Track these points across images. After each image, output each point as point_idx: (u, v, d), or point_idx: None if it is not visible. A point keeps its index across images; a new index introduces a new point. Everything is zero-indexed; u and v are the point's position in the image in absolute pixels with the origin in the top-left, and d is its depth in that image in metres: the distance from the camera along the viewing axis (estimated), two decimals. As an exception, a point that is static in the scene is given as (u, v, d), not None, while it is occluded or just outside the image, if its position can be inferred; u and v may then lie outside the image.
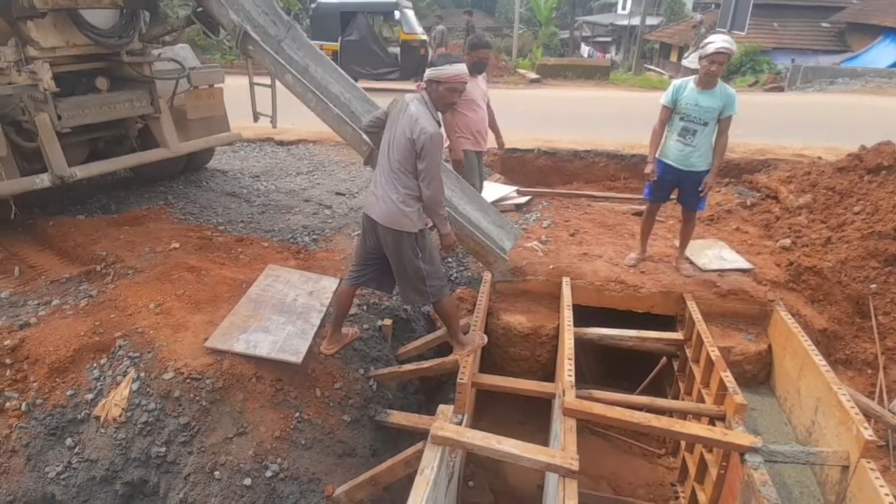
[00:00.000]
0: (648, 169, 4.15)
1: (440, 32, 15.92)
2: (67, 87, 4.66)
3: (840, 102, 12.05)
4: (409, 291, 3.28)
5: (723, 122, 3.89)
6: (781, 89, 14.93)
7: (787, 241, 4.91)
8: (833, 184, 5.25)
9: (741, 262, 4.54)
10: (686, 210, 4.30)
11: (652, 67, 19.83)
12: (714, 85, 3.86)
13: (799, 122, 9.46)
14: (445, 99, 2.98)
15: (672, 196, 4.34)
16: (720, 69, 3.76)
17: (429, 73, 2.95)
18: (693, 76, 3.98)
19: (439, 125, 2.98)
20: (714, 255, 4.67)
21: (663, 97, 4.07)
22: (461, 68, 2.95)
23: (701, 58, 3.84)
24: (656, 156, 4.14)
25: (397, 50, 13.26)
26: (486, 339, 3.73)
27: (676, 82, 4.08)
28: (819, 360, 3.44)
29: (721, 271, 4.42)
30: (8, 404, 2.94)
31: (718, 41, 3.70)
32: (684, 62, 16.78)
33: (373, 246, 3.25)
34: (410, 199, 3.03)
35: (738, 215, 5.64)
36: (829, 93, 13.77)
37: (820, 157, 6.59)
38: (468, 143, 4.57)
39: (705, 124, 3.91)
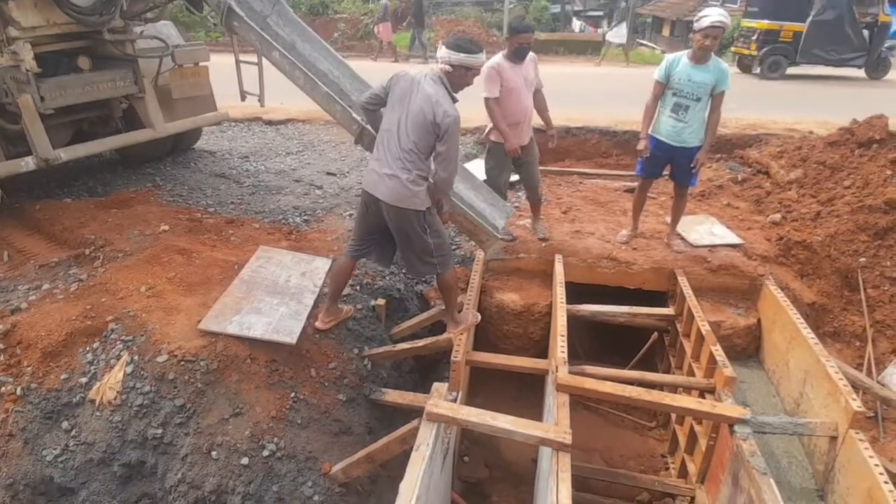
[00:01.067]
0: (641, 145, 4.14)
1: (384, 7, 15.34)
2: (49, 67, 4.55)
3: (832, 75, 12.01)
4: (416, 263, 3.30)
5: (715, 98, 3.87)
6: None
7: (778, 216, 4.95)
8: (824, 158, 5.27)
9: (732, 238, 4.57)
10: (678, 186, 4.31)
11: (644, 42, 19.63)
12: (707, 59, 3.82)
13: (792, 95, 9.44)
14: (464, 82, 2.99)
15: (664, 172, 4.34)
16: (714, 43, 3.73)
17: (460, 58, 2.90)
18: (687, 51, 3.94)
19: (456, 110, 2.94)
20: (705, 230, 4.70)
21: (656, 72, 4.04)
22: (483, 58, 3.00)
23: (694, 31, 3.80)
24: (649, 132, 4.13)
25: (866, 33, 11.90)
26: (479, 317, 3.76)
27: (669, 57, 4.04)
28: (807, 333, 3.49)
29: (712, 247, 4.46)
30: (3, 389, 2.94)
31: (714, 15, 3.65)
32: (608, 36, 16.62)
33: (374, 221, 3.24)
34: (421, 178, 3.02)
35: (729, 191, 5.66)
36: (822, 66, 13.72)
37: (811, 132, 6.60)
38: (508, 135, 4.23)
39: (698, 100, 3.88)
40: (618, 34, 15.16)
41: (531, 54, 4.16)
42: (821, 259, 4.50)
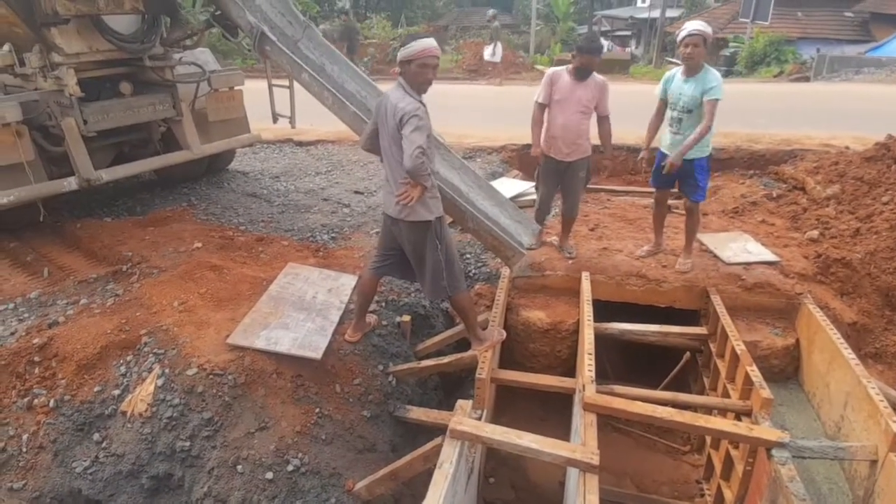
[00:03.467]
0: (641, 155, 4.30)
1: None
2: (92, 92, 4.78)
3: (866, 92, 11.71)
4: (430, 284, 3.29)
5: (705, 105, 3.81)
6: (807, 79, 14.58)
7: (815, 233, 4.78)
8: (861, 174, 5.10)
9: (767, 255, 4.43)
10: (686, 200, 4.27)
11: (673, 60, 19.52)
12: (697, 71, 3.86)
13: (825, 111, 9.21)
14: (419, 77, 2.94)
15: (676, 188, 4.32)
16: (696, 51, 3.77)
17: (401, 53, 2.95)
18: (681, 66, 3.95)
19: (422, 104, 2.93)
20: (739, 247, 4.58)
21: (656, 90, 4.16)
22: (428, 42, 2.92)
23: (677, 47, 3.87)
24: (656, 145, 4.23)
25: None
26: (504, 334, 3.71)
27: (667, 74, 4.16)
28: (848, 354, 3.34)
29: (747, 264, 4.33)
30: (36, 401, 3.02)
31: (689, 26, 3.81)
32: (485, 56, 16.41)
33: (394, 238, 3.29)
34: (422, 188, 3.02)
35: (763, 207, 5.51)
36: (854, 82, 13.43)
37: (847, 147, 6.40)
38: (544, 146, 4.24)
39: (690, 111, 3.92)
40: (493, 53, 15.30)
41: (602, 79, 4.07)
42: (861, 277, 4.31)
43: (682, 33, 3.80)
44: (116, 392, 3.07)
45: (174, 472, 2.89)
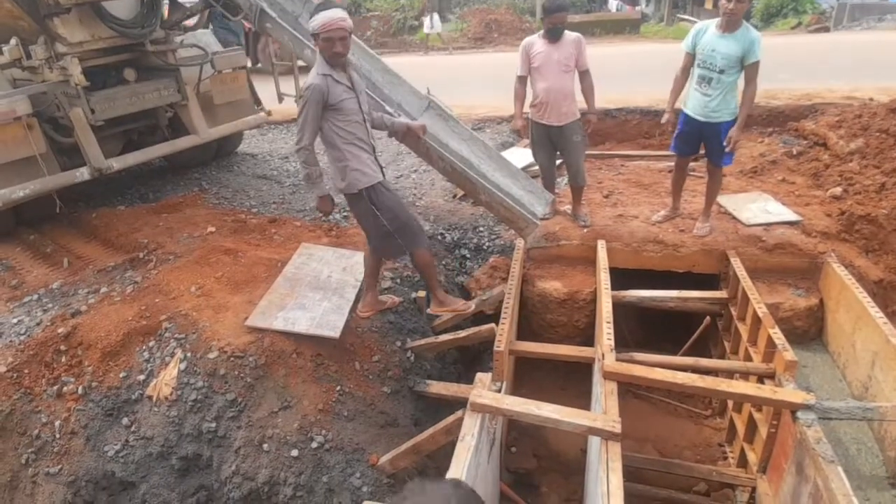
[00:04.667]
0: (664, 118, 4.06)
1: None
2: (97, 80, 4.76)
3: (891, 40, 11.20)
4: (382, 247, 3.37)
5: (747, 70, 3.63)
6: (827, 30, 14.01)
7: (838, 190, 4.64)
8: (887, 126, 4.91)
9: (788, 215, 4.33)
10: (710, 164, 4.11)
11: (686, 17, 18.86)
12: (736, 27, 3.59)
13: (847, 62, 8.85)
14: (327, 51, 2.93)
15: (702, 150, 4.14)
16: (739, 7, 3.51)
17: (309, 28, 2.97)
18: (718, 19, 3.73)
19: (329, 77, 2.94)
20: (758, 208, 4.47)
21: (684, 42, 3.88)
22: (330, 14, 2.88)
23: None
24: (679, 106, 4.00)
25: None
26: (471, 306, 3.70)
27: (698, 25, 3.87)
28: (876, 313, 3.27)
29: (767, 225, 4.23)
30: (65, 388, 3.09)
31: None
32: (425, 28, 15.91)
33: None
34: (337, 161, 3.10)
35: (783, 165, 5.36)
36: (878, 30, 12.86)
37: (871, 99, 6.15)
38: (532, 112, 4.27)
39: (721, 72, 3.67)
40: (432, 24, 15.04)
41: (576, 35, 4.05)
42: (888, 233, 4.18)
43: None
44: (141, 377, 3.12)
45: (202, 453, 2.96)
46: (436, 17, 15.79)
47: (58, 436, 3.02)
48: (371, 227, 3.29)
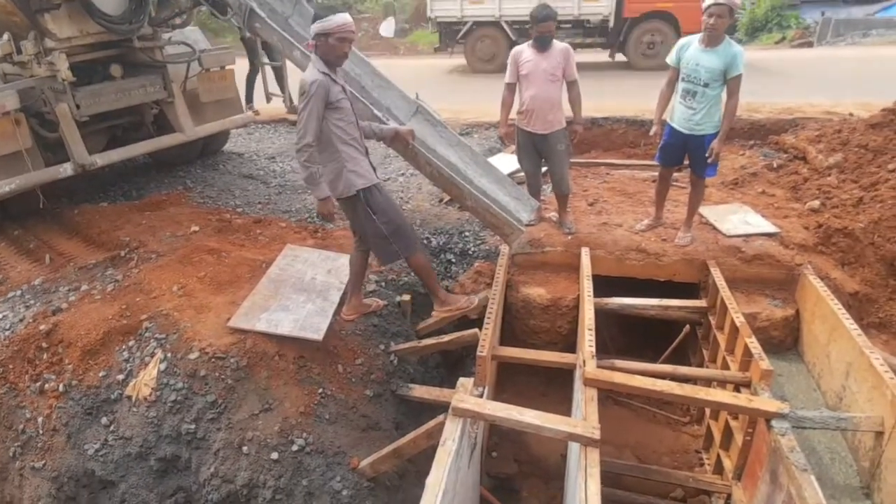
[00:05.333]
0: (652, 130, 4.11)
1: None
2: (84, 76, 4.72)
3: (874, 55, 11.47)
4: (380, 251, 3.35)
5: (730, 84, 3.71)
6: (811, 45, 14.29)
7: (816, 203, 4.74)
8: (866, 141, 5.03)
9: (767, 226, 4.41)
10: (693, 175, 4.19)
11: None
12: (718, 42, 3.68)
13: (829, 78, 9.06)
14: (336, 51, 2.93)
15: (686, 161, 4.22)
16: (720, 23, 3.59)
17: (315, 27, 2.91)
18: (701, 34, 3.80)
19: (328, 76, 2.93)
20: (738, 219, 4.55)
21: (668, 56, 3.97)
22: (347, 17, 2.92)
23: (701, 12, 3.70)
24: (664, 118, 4.08)
25: None
26: (474, 301, 3.70)
27: (682, 40, 3.94)
28: (850, 324, 3.34)
29: (746, 236, 4.30)
30: (47, 385, 3.07)
31: None
32: (380, 31, 16.10)
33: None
34: (330, 163, 3.06)
35: (763, 178, 5.46)
36: (862, 45, 13.15)
37: (851, 114, 6.30)
38: (518, 119, 4.31)
39: (706, 85, 3.75)
40: (387, 29, 15.08)
41: (564, 46, 4.11)
42: (864, 247, 4.29)
43: (708, 1, 3.59)
44: (121, 377, 3.10)
45: (181, 454, 2.94)
46: (390, 21, 15.74)
47: (41, 432, 3.00)
48: (366, 231, 3.26)
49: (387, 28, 14.49)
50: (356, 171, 3.11)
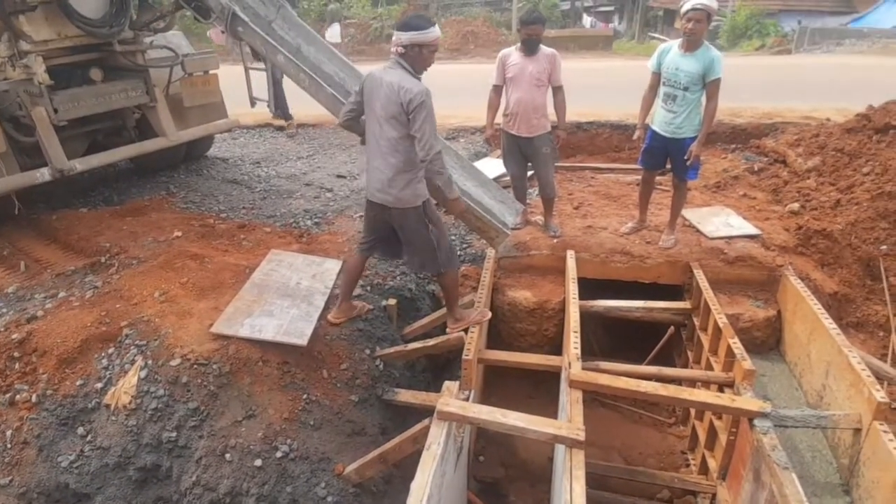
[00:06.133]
0: (636, 135, 4.19)
1: None
2: (62, 79, 4.64)
3: (847, 63, 11.77)
4: (418, 261, 3.30)
5: (708, 87, 3.78)
6: (789, 52, 14.64)
7: (796, 206, 4.83)
8: (842, 145, 5.14)
9: (749, 228, 4.47)
10: (675, 179, 4.24)
11: (656, 35, 19.42)
12: (697, 47, 3.76)
13: (807, 84, 9.25)
14: (427, 61, 2.93)
15: (668, 165, 4.28)
16: (698, 27, 3.67)
17: (410, 36, 2.84)
18: (680, 39, 3.88)
19: (424, 86, 2.90)
20: (721, 222, 4.61)
21: (649, 61, 4.04)
22: (438, 30, 2.91)
23: (680, 17, 3.78)
24: (647, 122, 4.13)
25: None
26: (488, 314, 3.72)
27: (662, 45, 4.03)
28: (829, 324, 3.39)
29: (728, 238, 4.36)
30: (18, 397, 2.98)
31: (694, 0, 3.62)
32: (327, 36, 16.08)
33: (379, 221, 3.27)
34: (408, 173, 3.00)
35: (745, 181, 5.55)
36: (836, 54, 13.53)
37: (828, 119, 6.44)
38: (503, 123, 4.34)
39: (685, 89, 3.82)
40: (332, 34, 15.05)
41: (552, 51, 4.14)
42: (842, 248, 4.37)
43: (686, 6, 3.66)
44: (99, 385, 3.02)
45: (162, 463, 2.88)
46: (336, 26, 15.62)
47: (9, 446, 2.89)
48: (415, 241, 3.19)
49: (332, 34, 14.37)
50: (422, 181, 3.09)
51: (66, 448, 2.90)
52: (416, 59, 2.89)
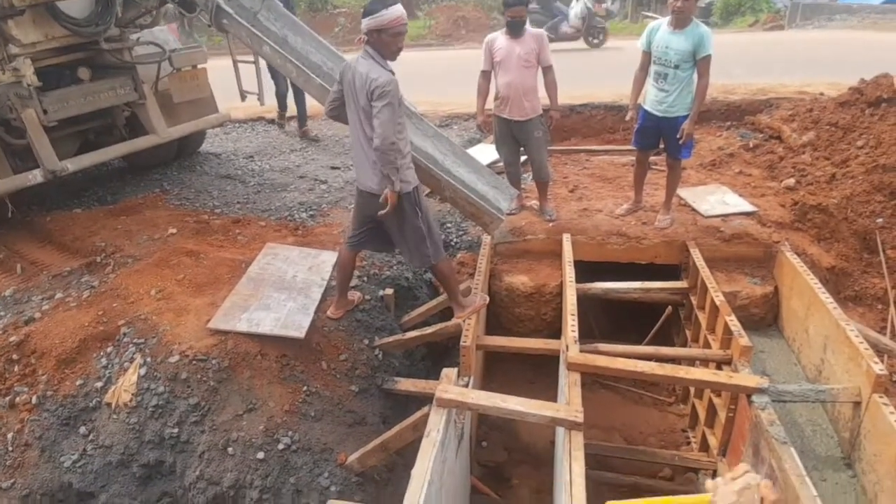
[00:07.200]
0: (628, 115, 4.17)
1: None
2: (51, 80, 4.59)
3: (839, 38, 11.70)
4: (412, 254, 3.28)
5: (699, 65, 3.75)
6: (781, 28, 14.53)
7: (792, 181, 4.82)
8: (836, 119, 5.11)
9: (745, 206, 4.46)
10: (669, 158, 4.22)
11: (650, 14, 19.23)
12: (686, 24, 3.73)
13: (800, 59, 9.17)
14: (391, 45, 2.86)
15: (662, 145, 4.25)
16: (687, 5, 3.65)
17: (367, 22, 2.81)
18: (669, 17, 3.83)
19: (392, 73, 2.86)
20: (717, 200, 4.60)
21: (639, 41, 4.02)
22: (399, 10, 2.82)
23: None
24: (639, 102, 4.10)
25: None
26: (487, 299, 3.72)
27: (652, 24, 4.00)
28: (826, 298, 3.40)
29: (724, 216, 4.36)
30: (18, 399, 2.99)
31: None
32: None
33: (369, 212, 3.23)
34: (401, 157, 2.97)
35: (740, 158, 5.52)
36: (827, 29, 13.49)
37: (822, 94, 6.39)
38: (494, 107, 4.31)
39: (676, 67, 3.79)
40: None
41: (539, 31, 4.14)
42: (838, 222, 4.37)
43: None
44: (99, 384, 3.04)
45: (165, 459, 2.90)
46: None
47: (10, 448, 2.91)
48: (406, 231, 3.15)
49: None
50: (411, 167, 3.07)
51: (68, 448, 2.92)
52: (379, 45, 2.85)
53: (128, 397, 2.95)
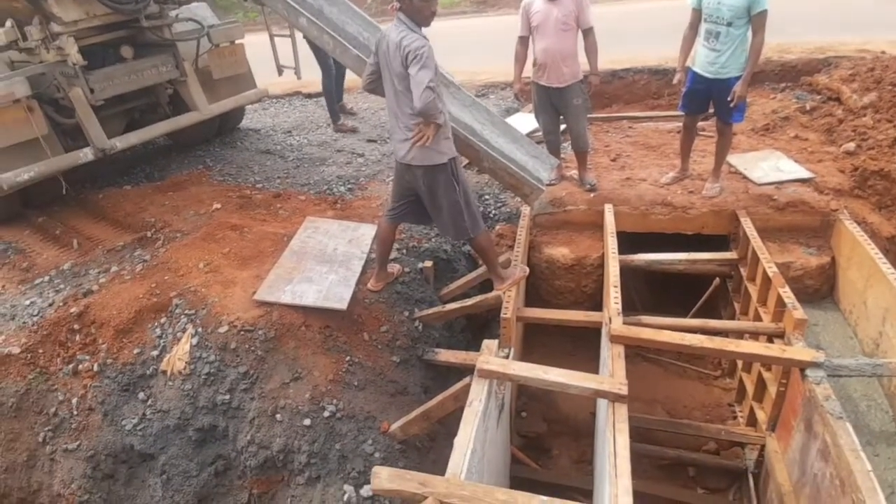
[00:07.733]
0: (676, 78, 3.95)
1: None
2: (95, 59, 4.70)
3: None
4: (449, 227, 3.26)
5: (754, 21, 3.50)
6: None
7: (852, 145, 4.53)
8: (902, 77, 4.74)
9: (800, 172, 4.24)
10: (719, 122, 4.01)
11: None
12: None
13: (860, 14, 8.52)
14: (424, 10, 2.82)
15: (711, 108, 4.04)
16: None
17: None
18: None
19: (426, 40, 2.80)
20: (770, 166, 4.38)
21: None
22: None
23: None
24: (687, 64, 3.90)
25: None
26: (527, 270, 3.69)
27: None
28: (887, 269, 3.22)
29: (778, 183, 4.15)
30: (81, 366, 3.16)
31: None
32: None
33: (408, 185, 3.24)
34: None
35: (796, 122, 5.22)
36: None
37: (883, 52, 5.93)
38: (533, 74, 4.18)
39: (729, 24, 3.56)
40: None
41: None
42: (902, 188, 4.09)
43: None
44: (155, 353, 3.18)
45: (218, 424, 3.03)
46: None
47: (75, 412, 3.10)
48: (442, 203, 3.13)
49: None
50: (449, 137, 3.05)
51: (128, 412, 3.08)
52: (412, 10, 2.81)
53: (182, 365, 3.08)
